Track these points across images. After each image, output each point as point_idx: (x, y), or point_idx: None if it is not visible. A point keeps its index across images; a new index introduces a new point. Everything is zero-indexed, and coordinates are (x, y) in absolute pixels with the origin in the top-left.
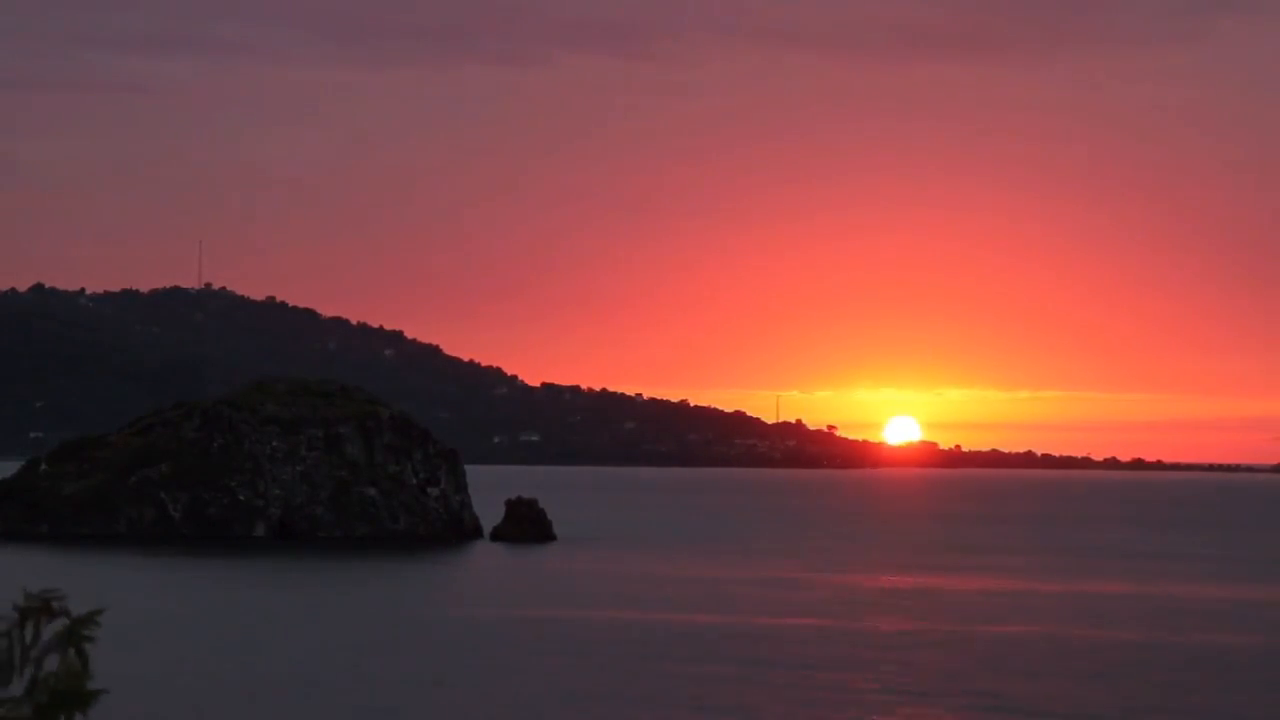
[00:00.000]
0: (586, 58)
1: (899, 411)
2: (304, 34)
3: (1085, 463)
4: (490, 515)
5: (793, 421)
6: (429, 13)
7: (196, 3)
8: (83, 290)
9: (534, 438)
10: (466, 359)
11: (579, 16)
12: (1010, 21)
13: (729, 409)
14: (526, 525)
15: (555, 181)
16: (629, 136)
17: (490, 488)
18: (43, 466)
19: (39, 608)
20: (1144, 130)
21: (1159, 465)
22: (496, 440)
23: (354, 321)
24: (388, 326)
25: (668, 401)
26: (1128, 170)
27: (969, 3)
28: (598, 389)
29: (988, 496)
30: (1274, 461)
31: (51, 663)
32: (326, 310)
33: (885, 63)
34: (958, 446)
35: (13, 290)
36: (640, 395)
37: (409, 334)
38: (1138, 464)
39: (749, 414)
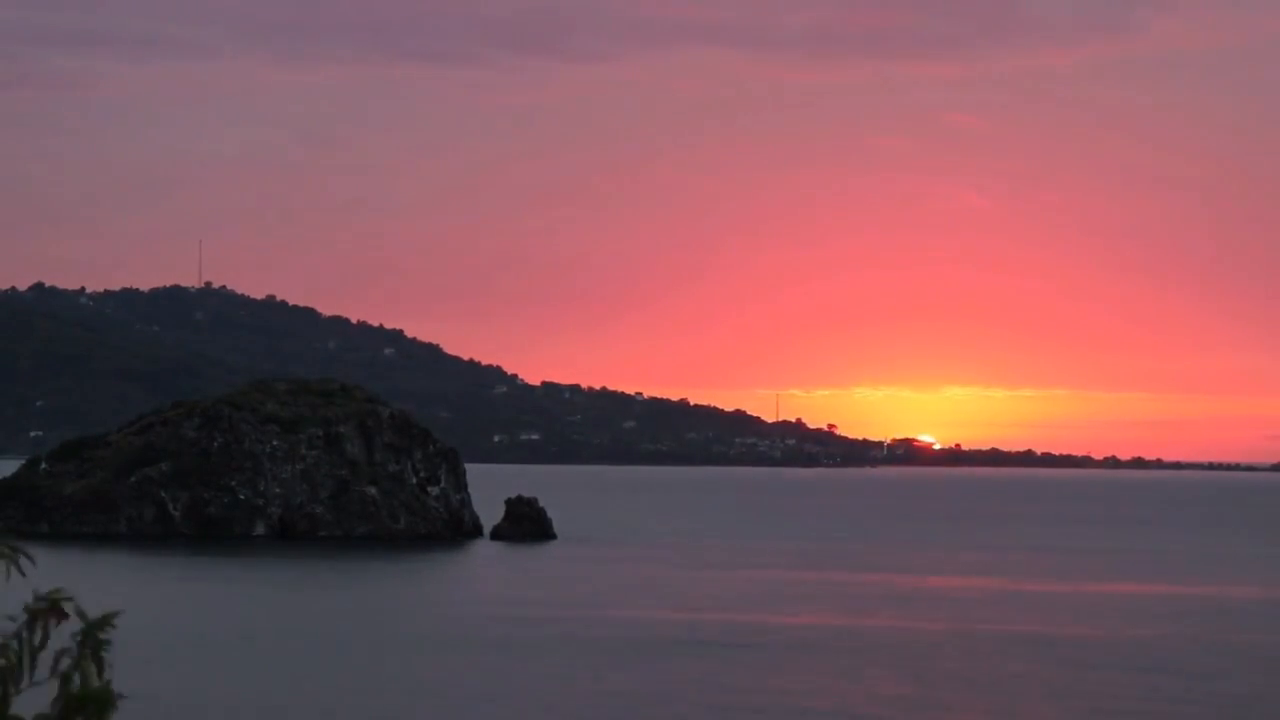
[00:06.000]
0: (533, 57)
1: (899, 410)
2: (249, 32)
3: (1085, 461)
4: (490, 514)
5: (793, 421)
6: (360, 11)
7: (140, 3)
8: (83, 290)
9: (534, 437)
10: (466, 359)
11: (501, 14)
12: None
13: (729, 408)
14: (526, 524)
15: (555, 181)
16: (622, 136)
17: (490, 487)
18: (43, 466)
19: (47, 609)
20: (1141, 129)
21: (1159, 464)
22: (496, 440)
23: (354, 321)
24: (388, 326)
25: (668, 401)
26: (1126, 169)
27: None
28: (598, 388)
29: (983, 496)
30: (1274, 461)
31: (68, 667)
32: (326, 310)
33: (864, 61)
34: (957, 445)
35: (13, 290)
36: (640, 395)
37: (409, 334)
38: (1137, 463)
39: (749, 413)
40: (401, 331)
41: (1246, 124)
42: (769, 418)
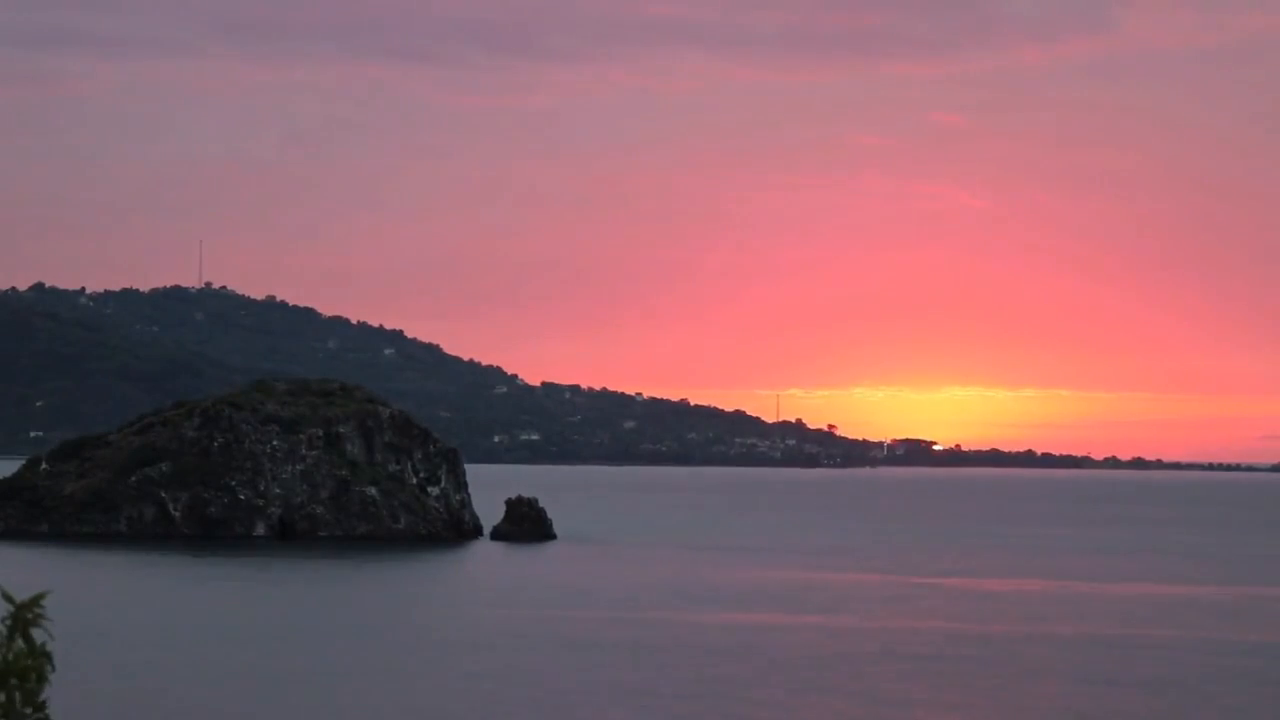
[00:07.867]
0: (523, 59)
1: (899, 411)
2: (232, 30)
3: (1085, 462)
4: (490, 514)
5: (793, 421)
6: (346, 11)
7: (134, 2)
8: (83, 290)
9: (534, 437)
10: (466, 359)
11: (491, 16)
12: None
13: (729, 409)
14: (526, 524)
15: (554, 181)
16: (616, 137)
17: (490, 487)
18: (43, 466)
19: None
20: (1128, 128)
21: (1159, 464)
22: (496, 440)
23: (354, 321)
24: (388, 326)
25: (668, 401)
26: (1114, 168)
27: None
28: (598, 389)
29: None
30: (1274, 461)
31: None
32: (326, 310)
33: (845, 61)
34: (957, 445)
35: (13, 290)
36: (640, 395)
37: (409, 334)
38: (1137, 463)
39: (749, 414)
40: (401, 331)
41: (1231, 122)
42: (769, 418)
